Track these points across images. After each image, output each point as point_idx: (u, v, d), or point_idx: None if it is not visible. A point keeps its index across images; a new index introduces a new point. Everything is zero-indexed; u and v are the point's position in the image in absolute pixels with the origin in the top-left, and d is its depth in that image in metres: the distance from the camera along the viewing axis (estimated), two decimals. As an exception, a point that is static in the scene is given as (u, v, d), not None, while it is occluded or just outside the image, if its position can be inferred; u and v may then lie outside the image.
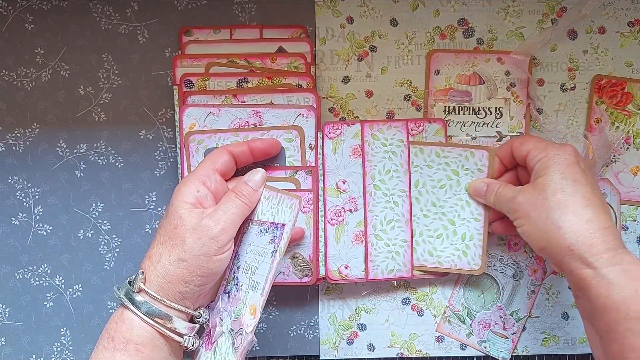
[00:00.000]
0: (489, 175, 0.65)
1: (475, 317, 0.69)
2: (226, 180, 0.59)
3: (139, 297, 0.52)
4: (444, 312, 0.69)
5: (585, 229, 0.54)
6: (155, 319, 0.52)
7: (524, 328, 0.69)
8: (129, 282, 0.54)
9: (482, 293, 0.69)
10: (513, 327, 0.69)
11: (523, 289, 0.69)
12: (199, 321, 0.56)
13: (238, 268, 0.57)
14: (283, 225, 0.54)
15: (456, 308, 0.69)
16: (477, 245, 0.65)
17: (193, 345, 0.55)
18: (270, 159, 0.63)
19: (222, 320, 0.56)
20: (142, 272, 0.53)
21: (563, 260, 0.55)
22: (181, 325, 0.53)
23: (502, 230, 0.65)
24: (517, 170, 0.65)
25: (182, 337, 0.54)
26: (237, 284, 0.56)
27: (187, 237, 0.53)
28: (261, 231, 0.56)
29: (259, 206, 0.57)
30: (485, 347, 0.69)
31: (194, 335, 0.55)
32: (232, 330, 0.54)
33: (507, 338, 0.69)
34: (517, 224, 0.59)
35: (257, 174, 0.57)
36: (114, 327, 0.52)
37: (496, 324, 0.69)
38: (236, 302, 0.55)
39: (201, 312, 0.56)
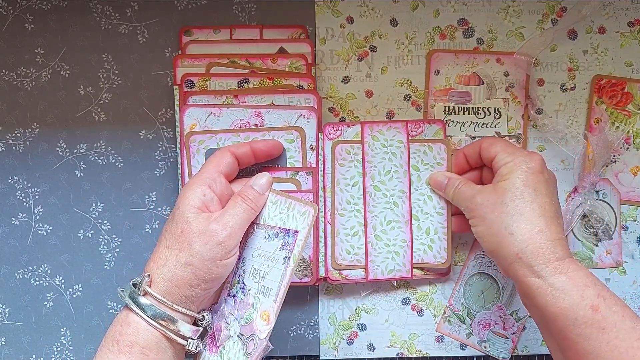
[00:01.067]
0: (448, 168, 0.65)
1: (475, 317, 0.69)
2: (229, 182, 0.59)
3: (144, 300, 0.52)
4: (444, 312, 0.69)
5: (537, 238, 0.55)
6: (161, 322, 0.52)
7: (524, 328, 0.69)
8: (134, 284, 0.54)
9: (482, 293, 0.69)
10: (513, 327, 0.69)
11: (523, 289, 0.69)
12: (202, 324, 0.56)
13: (243, 272, 0.57)
14: (296, 232, 0.54)
15: (456, 308, 0.69)
16: (442, 239, 0.65)
17: (196, 349, 0.55)
18: (271, 160, 0.63)
19: (228, 324, 0.56)
20: (149, 275, 0.53)
21: (510, 266, 0.56)
22: (186, 328, 0.53)
23: (457, 226, 0.65)
24: (481, 170, 0.65)
25: (187, 341, 0.54)
26: (243, 288, 0.56)
27: (194, 241, 0.53)
28: (269, 236, 0.56)
29: (265, 210, 0.57)
30: (485, 347, 0.69)
31: (197, 338, 0.55)
32: (242, 335, 0.54)
33: (507, 338, 0.69)
34: (472, 223, 0.60)
35: (263, 178, 0.57)
36: (119, 330, 0.52)
37: (496, 323, 0.69)
38: (244, 306, 0.55)
39: (204, 315, 0.56)
